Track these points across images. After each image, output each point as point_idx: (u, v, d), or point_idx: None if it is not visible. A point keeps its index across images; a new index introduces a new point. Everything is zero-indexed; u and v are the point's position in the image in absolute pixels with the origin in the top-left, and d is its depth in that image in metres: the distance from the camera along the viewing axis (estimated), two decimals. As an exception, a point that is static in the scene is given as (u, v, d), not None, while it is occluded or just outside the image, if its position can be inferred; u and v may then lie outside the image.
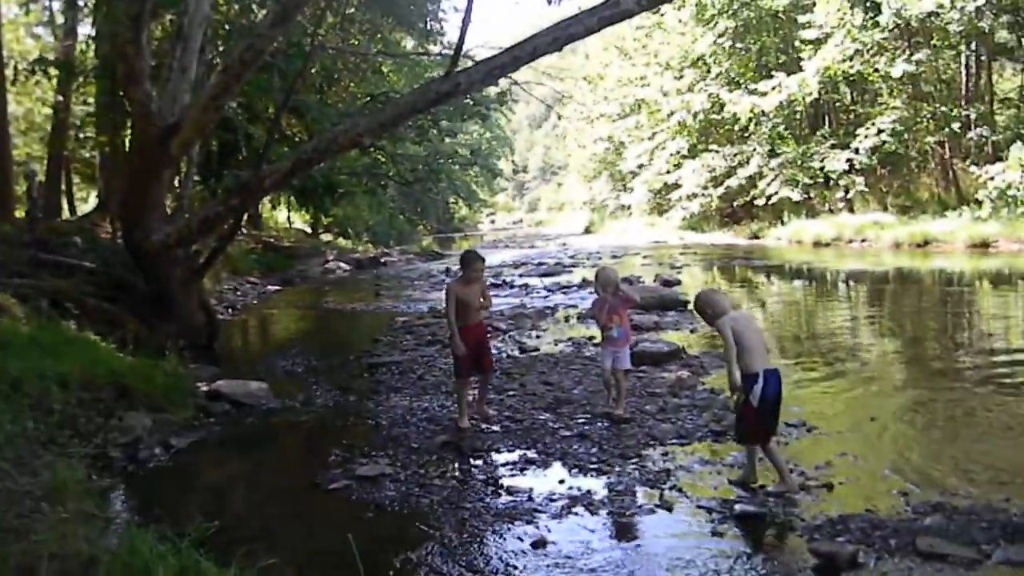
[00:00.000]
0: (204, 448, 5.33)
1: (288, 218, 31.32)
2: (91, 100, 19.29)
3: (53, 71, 16.86)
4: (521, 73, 8.80)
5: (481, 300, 5.77)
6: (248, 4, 15.64)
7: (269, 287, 16.72)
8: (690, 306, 11.16)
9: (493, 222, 78.01)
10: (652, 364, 7.44)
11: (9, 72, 17.19)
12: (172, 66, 8.52)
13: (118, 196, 13.69)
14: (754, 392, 4.11)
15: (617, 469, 4.65)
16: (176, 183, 12.87)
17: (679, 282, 14.71)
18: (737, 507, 3.96)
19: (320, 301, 14.65)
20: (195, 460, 5.13)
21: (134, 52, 7.73)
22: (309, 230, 30.28)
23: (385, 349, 8.99)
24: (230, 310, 12.89)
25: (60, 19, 21.18)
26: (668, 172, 35.64)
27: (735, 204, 32.26)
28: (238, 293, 15.13)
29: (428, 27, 21.10)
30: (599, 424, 5.52)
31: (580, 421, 5.65)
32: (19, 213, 17.21)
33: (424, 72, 26.15)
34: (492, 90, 14.65)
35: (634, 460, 4.79)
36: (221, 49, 13.76)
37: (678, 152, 35.19)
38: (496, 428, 5.54)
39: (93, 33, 16.97)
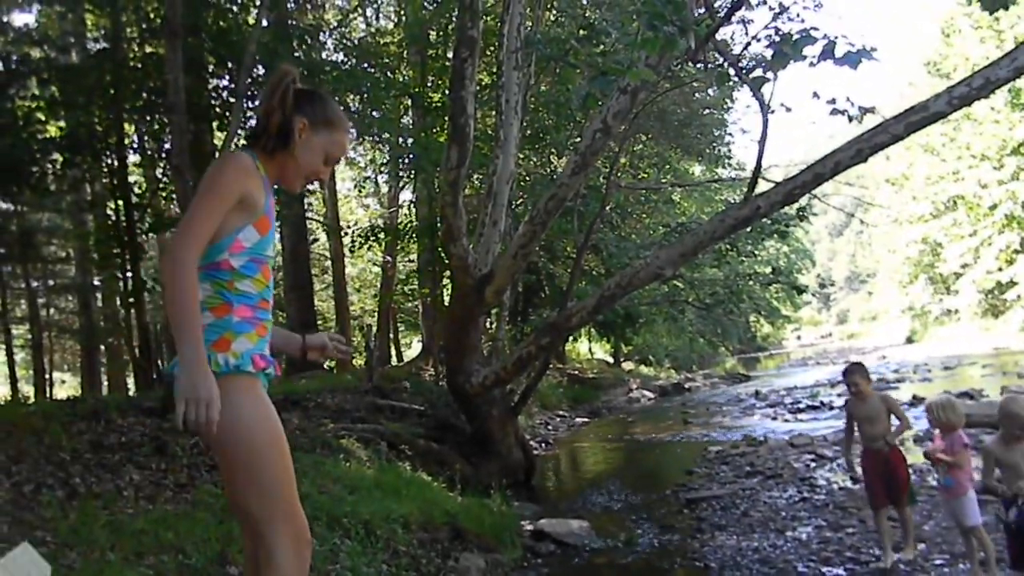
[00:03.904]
0: (535, 591, 5.39)
1: (590, 349, 32.14)
2: (413, 257, 21.50)
3: (382, 235, 19.13)
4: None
5: (890, 421, 5.02)
6: (548, 157, 16.81)
7: (577, 419, 17.06)
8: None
9: (799, 338, 74.36)
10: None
11: (347, 240, 19.82)
12: (484, 221, 9.29)
13: (439, 342, 14.94)
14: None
15: (992, 622, 4.00)
16: (489, 326, 13.80)
17: (1032, 394, 12.84)
18: None
19: (628, 432, 14.62)
20: (528, 603, 5.20)
21: (452, 213, 8.54)
22: (611, 360, 30.79)
23: (702, 482, 8.69)
24: (543, 444, 13.25)
25: (384, 189, 24.21)
26: (1000, 270, 32.12)
27: (1089, 299, 28.11)
28: (549, 427, 15.58)
29: (716, 152, 21.25)
30: (962, 566, 4.82)
31: (938, 563, 4.98)
32: (356, 362, 19.34)
33: (713, 196, 26.29)
34: (790, 206, 14.28)
35: (1012, 610, 4.11)
36: (522, 199, 14.82)
37: (1008, 247, 31.71)
38: (841, 571, 5.04)
39: (413, 199, 19.10)
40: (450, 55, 11.30)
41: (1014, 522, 3.74)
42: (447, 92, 9.81)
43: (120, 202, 12.15)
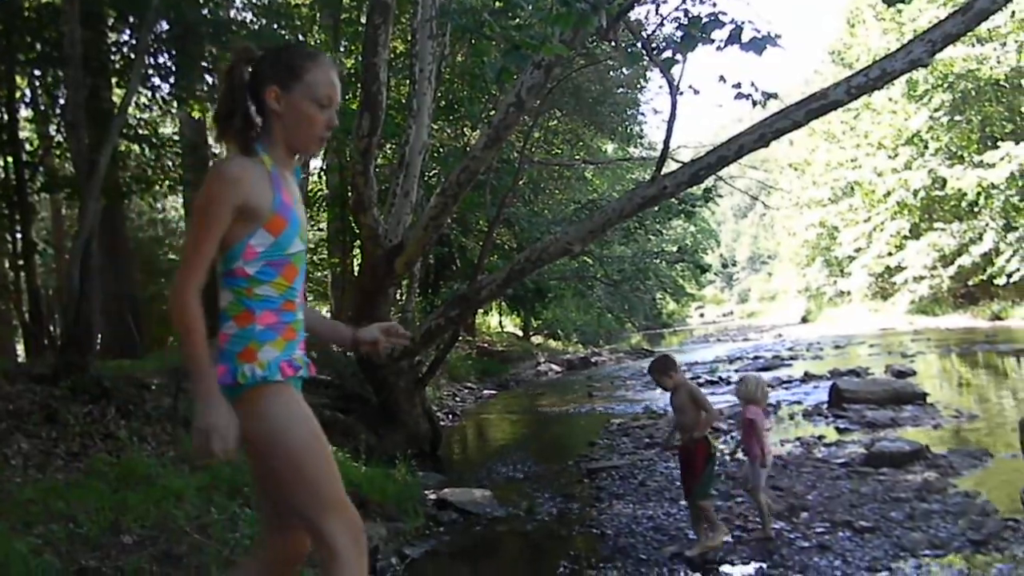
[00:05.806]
0: (436, 558, 5.45)
1: (500, 322, 32.34)
2: (322, 226, 21.15)
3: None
4: (726, 168, 8.70)
5: (699, 414, 4.92)
6: (461, 129, 16.73)
7: (485, 392, 17.18)
8: (930, 399, 10.34)
9: (702, 315, 76.50)
10: (893, 466, 6.84)
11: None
12: (395, 191, 9.22)
13: (347, 312, 14.79)
14: None
15: (865, 585, 4.26)
16: (399, 297, 13.71)
17: (914, 372, 13.60)
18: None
19: (534, 404, 14.83)
20: (428, 571, 5.25)
21: (363, 182, 8.44)
22: (520, 333, 31.07)
23: (603, 453, 8.91)
24: (450, 416, 13.32)
25: (295, 156, 23.62)
26: (890, 254, 33.76)
27: (969, 284, 29.82)
28: (457, 399, 15.65)
29: (628, 131, 21.56)
30: (840, 534, 5.11)
31: (819, 530, 5.26)
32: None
33: (625, 174, 26.69)
34: (697, 187, 14.67)
35: (883, 574, 4.38)
36: (435, 171, 14.75)
37: (899, 233, 33.33)
38: (727, 538, 5.27)
39: (324, 167, 18.76)
40: (363, 20, 11.10)
41: None
42: (360, 58, 9.63)
43: (10, 159, 11.55)
